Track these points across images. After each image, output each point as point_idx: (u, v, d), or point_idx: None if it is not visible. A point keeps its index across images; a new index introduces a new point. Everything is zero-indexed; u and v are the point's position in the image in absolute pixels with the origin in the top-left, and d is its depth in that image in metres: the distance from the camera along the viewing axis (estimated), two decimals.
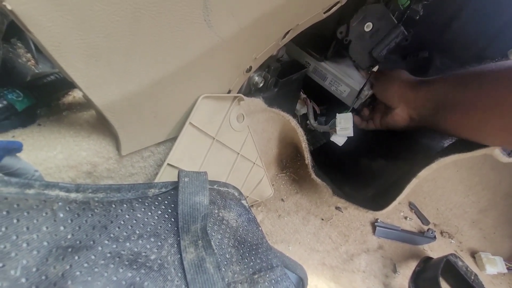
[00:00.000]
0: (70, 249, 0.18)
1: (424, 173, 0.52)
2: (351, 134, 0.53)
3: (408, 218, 0.72)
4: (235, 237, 0.28)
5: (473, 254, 0.70)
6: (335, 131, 0.54)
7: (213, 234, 0.27)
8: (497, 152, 0.49)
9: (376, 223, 0.66)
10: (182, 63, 0.29)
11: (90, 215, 0.21)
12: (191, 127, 0.35)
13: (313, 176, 0.57)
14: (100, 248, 0.20)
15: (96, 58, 0.22)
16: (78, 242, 0.19)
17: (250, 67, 0.40)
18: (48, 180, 0.27)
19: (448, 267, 0.57)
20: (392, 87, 0.56)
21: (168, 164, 0.34)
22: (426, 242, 0.68)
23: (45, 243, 0.17)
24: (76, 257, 0.18)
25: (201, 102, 0.34)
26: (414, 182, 0.54)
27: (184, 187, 0.27)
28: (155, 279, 0.21)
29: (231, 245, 0.27)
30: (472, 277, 0.56)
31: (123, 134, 0.30)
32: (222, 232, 0.27)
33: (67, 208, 0.20)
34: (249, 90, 0.48)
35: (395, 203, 0.56)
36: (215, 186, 0.33)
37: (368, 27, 0.48)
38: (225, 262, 0.25)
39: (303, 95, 0.61)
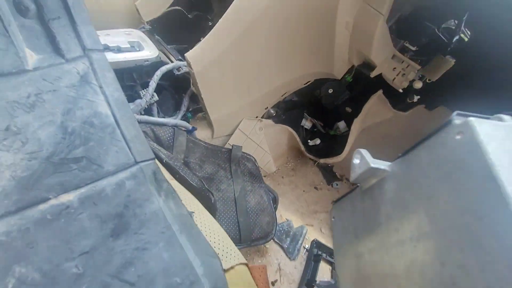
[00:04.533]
0: None
1: (355, 125, 0.97)
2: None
3: None
4: (252, 175, 0.79)
5: None
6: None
7: (244, 170, 0.78)
8: None
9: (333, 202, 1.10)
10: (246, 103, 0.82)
11: None
12: (239, 131, 0.87)
13: (305, 153, 1.06)
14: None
15: (221, 99, 0.76)
16: None
17: (267, 107, 0.91)
18: None
19: None
20: None
21: (228, 143, 0.87)
22: None
23: None
24: None
25: (244, 121, 0.86)
26: (353, 134, 0.99)
27: (234, 150, 0.79)
28: None
29: (248, 180, 0.78)
30: None
31: (215, 129, 0.83)
32: (247, 172, 0.79)
33: None
34: (268, 116, 0.99)
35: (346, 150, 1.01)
36: (246, 154, 0.84)
37: (330, 90, 0.98)
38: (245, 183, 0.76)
39: (309, 118, 1.11)
